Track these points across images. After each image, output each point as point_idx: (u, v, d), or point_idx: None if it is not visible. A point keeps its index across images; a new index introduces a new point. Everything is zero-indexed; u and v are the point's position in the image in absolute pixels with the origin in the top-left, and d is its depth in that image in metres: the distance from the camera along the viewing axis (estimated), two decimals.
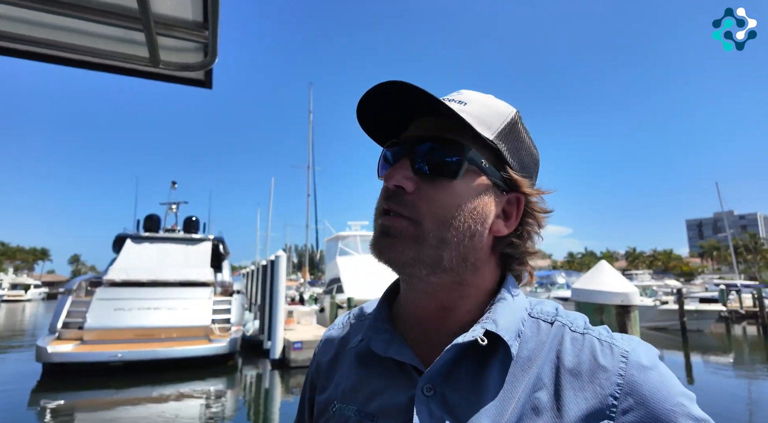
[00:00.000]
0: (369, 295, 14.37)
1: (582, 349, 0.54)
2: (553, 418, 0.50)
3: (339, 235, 19.42)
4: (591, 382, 0.51)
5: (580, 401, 0.50)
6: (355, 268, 17.06)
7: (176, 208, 18.03)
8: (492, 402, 0.52)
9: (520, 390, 0.52)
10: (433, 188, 0.56)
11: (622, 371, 0.51)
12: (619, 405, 0.49)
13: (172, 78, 1.48)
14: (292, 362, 11.25)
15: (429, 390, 0.54)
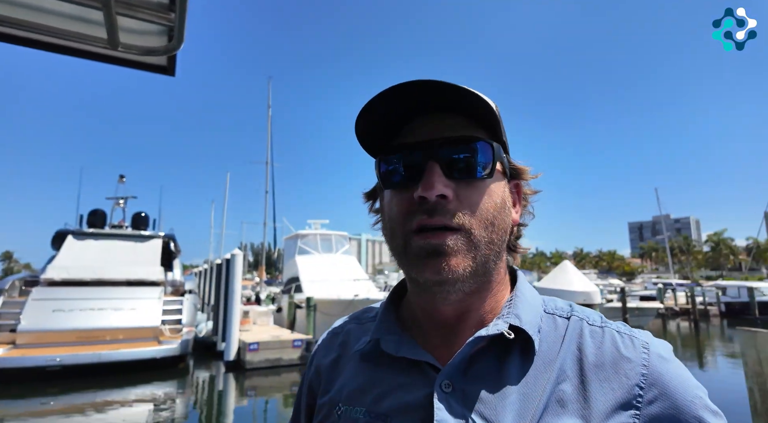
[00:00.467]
0: (328, 295, 14.25)
1: (603, 341, 0.54)
2: (579, 409, 0.49)
3: (298, 234, 19.10)
4: (616, 373, 0.51)
5: (606, 391, 0.50)
6: (315, 268, 16.86)
7: (124, 203, 17.04)
8: (515, 396, 0.51)
9: (543, 383, 0.51)
10: (470, 191, 0.54)
11: (645, 362, 0.52)
12: (645, 395, 0.50)
13: (132, 63, 1.39)
14: (247, 364, 10.94)
15: (447, 386, 0.52)
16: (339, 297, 14.12)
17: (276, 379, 10.77)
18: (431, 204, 0.53)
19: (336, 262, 17.75)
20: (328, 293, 14.47)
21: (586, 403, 0.50)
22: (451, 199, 0.53)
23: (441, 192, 0.52)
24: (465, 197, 0.54)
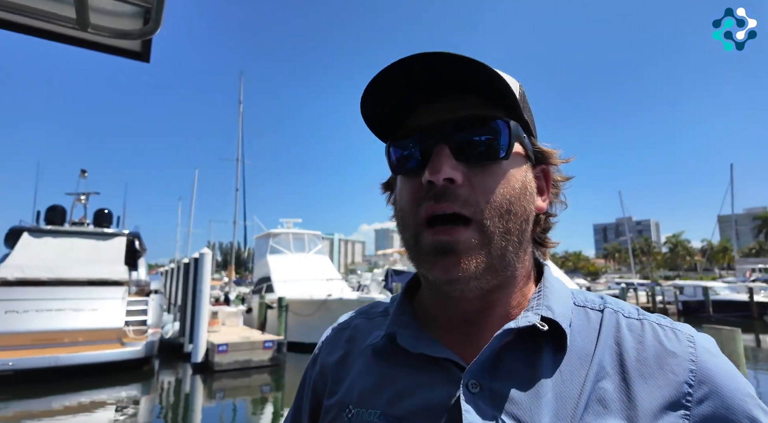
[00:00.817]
0: (301, 295, 14.07)
1: (644, 335, 0.50)
2: (623, 409, 0.45)
3: (270, 233, 18.78)
4: (661, 369, 0.47)
5: (652, 390, 0.46)
6: (287, 267, 16.61)
7: (86, 200, 16.28)
8: (550, 395, 0.46)
9: (581, 381, 0.47)
10: (483, 174, 0.50)
11: (693, 357, 0.47)
12: (694, 393, 0.46)
13: (103, 46, 1.29)
14: (216, 366, 10.65)
15: (474, 386, 0.47)
16: (312, 297, 13.96)
17: (246, 381, 10.53)
18: (439, 188, 0.49)
19: (309, 261, 17.55)
20: (301, 293, 14.28)
21: (630, 402, 0.45)
22: (461, 184, 0.49)
23: (448, 175, 0.48)
24: (478, 182, 0.49)
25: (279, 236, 18.50)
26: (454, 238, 0.48)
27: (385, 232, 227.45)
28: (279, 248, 18.02)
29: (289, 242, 18.29)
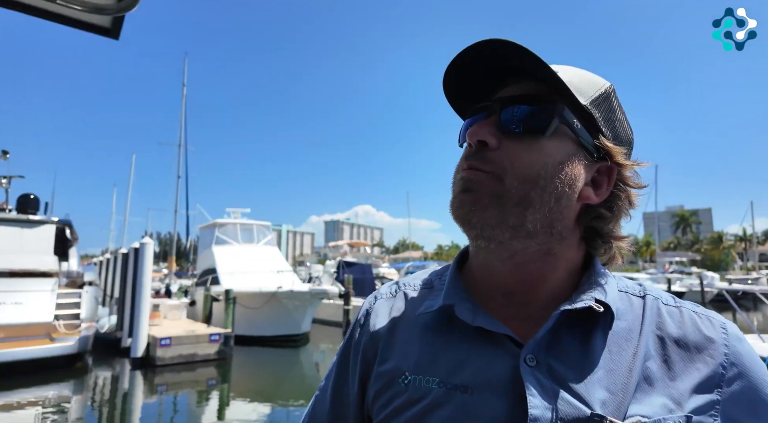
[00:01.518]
0: (249, 287, 13.73)
1: (683, 321, 0.55)
2: (666, 387, 0.50)
3: (216, 223, 18.04)
4: (700, 353, 0.52)
5: (691, 371, 0.51)
6: (234, 259, 16.11)
7: (8, 184, 14.83)
8: (602, 372, 0.50)
9: (628, 360, 0.51)
10: (519, 145, 0.53)
11: (726, 342, 0.53)
12: (727, 374, 0.51)
13: (71, 20, 1.24)
14: (158, 360, 10.21)
15: (532, 360, 0.51)
16: (261, 289, 13.67)
17: (190, 376, 10.18)
18: (474, 149, 0.55)
19: (258, 253, 17.10)
20: (249, 286, 13.94)
21: (672, 381, 0.51)
22: (494, 147, 0.54)
23: (482, 137, 0.53)
24: (511, 149, 0.53)
25: (225, 226, 17.86)
26: (471, 177, 0.54)
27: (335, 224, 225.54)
28: (225, 239, 17.41)
29: (237, 233, 17.72)
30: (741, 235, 65.49)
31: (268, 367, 12.03)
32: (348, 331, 0.68)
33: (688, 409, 0.49)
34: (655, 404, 0.49)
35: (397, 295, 0.65)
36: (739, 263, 54.92)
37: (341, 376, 0.65)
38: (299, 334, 14.44)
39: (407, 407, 0.54)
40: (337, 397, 0.65)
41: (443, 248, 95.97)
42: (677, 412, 0.49)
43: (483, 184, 0.53)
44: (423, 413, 0.52)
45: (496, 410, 0.49)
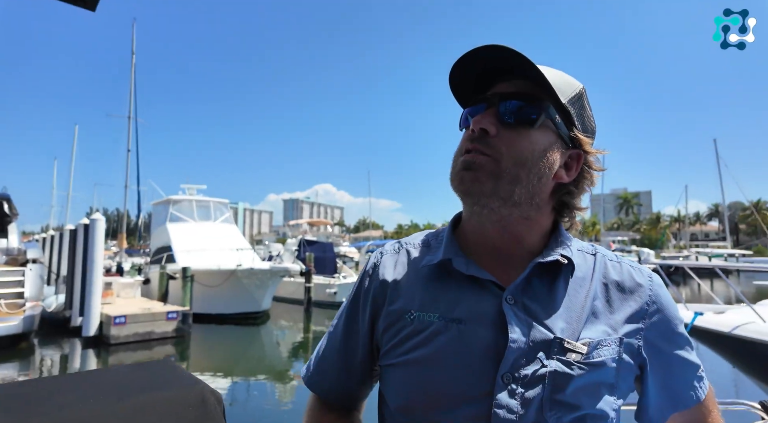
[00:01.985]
0: (207, 265, 13.48)
1: (622, 271, 0.72)
2: (607, 319, 0.67)
3: (170, 199, 17.39)
4: (632, 294, 0.70)
5: (625, 307, 0.69)
6: (190, 236, 15.69)
7: None
8: (562, 309, 0.66)
9: (581, 300, 0.68)
10: (513, 134, 0.66)
11: (651, 288, 0.71)
12: (649, 309, 0.69)
13: None
14: (112, 339, 9.95)
15: (511, 300, 0.65)
16: (220, 267, 13.47)
17: (147, 354, 10.01)
18: (476, 134, 0.67)
19: (215, 230, 16.73)
20: (207, 264, 13.69)
21: (611, 314, 0.68)
22: (493, 135, 0.66)
23: (483, 126, 0.66)
24: (506, 136, 0.66)
25: (181, 203, 17.26)
26: (474, 159, 0.66)
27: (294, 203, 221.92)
28: (181, 216, 16.87)
29: (193, 210, 17.19)
30: (676, 217, 70.79)
31: (228, 345, 12.01)
32: (357, 281, 0.80)
33: (621, 334, 0.67)
34: (598, 330, 0.66)
35: (400, 251, 0.79)
36: (673, 242, 59.50)
37: (352, 315, 0.78)
38: (259, 311, 14.43)
39: (413, 335, 0.67)
40: (348, 332, 0.77)
41: (403, 227, 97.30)
42: (614, 335, 0.66)
43: (484, 166, 0.66)
44: (426, 339, 0.66)
45: (484, 336, 0.64)
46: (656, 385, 0.71)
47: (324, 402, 0.80)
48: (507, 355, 0.62)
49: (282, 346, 12.06)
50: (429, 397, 0.64)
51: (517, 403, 0.61)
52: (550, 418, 0.61)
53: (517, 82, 0.69)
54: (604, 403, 0.64)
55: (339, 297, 17.00)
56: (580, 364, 0.63)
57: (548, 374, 0.62)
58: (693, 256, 34.75)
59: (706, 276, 20.48)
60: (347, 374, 0.77)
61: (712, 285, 20.86)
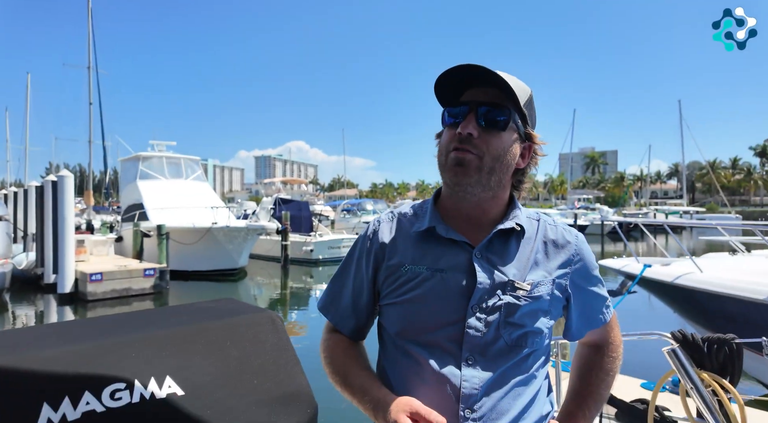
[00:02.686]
0: (182, 223, 13.43)
1: (557, 232, 0.96)
2: (545, 266, 0.91)
3: (140, 156, 16.88)
4: (563, 248, 0.95)
5: (558, 258, 0.93)
6: (162, 194, 15.43)
7: None
8: (514, 261, 0.90)
9: (527, 254, 0.91)
10: (490, 136, 0.86)
11: (576, 243, 0.96)
12: (574, 258, 0.94)
13: None
14: (89, 295, 10.03)
15: (478, 255, 0.88)
16: (195, 225, 13.44)
17: (126, 310, 10.09)
18: (463, 137, 0.86)
19: (188, 188, 16.47)
20: (181, 221, 13.61)
21: (548, 263, 0.92)
22: (477, 137, 0.85)
23: (469, 131, 0.85)
24: (485, 138, 0.86)
25: (150, 160, 16.79)
26: (464, 157, 0.85)
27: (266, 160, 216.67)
28: (151, 173, 16.46)
29: (163, 167, 16.77)
30: (639, 176, 73.62)
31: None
32: (359, 243, 1.01)
33: (554, 276, 0.91)
34: (538, 274, 0.90)
35: (393, 219, 1.00)
36: (635, 200, 62.30)
37: (357, 267, 0.99)
38: (236, 268, 14.62)
39: (408, 282, 0.90)
40: (356, 278, 0.99)
41: (377, 186, 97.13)
42: (549, 278, 0.91)
43: (471, 162, 0.86)
44: (417, 284, 0.89)
45: (459, 280, 0.87)
46: (577, 312, 0.97)
47: (335, 329, 1.02)
48: (475, 293, 0.86)
49: (260, 301, 12.40)
50: (420, 323, 0.88)
51: (482, 325, 0.85)
52: (504, 334, 0.85)
53: (487, 89, 0.88)
54: (541, 323, 0.89)
55: (315, 254, 17.36)
56: (525, 297, 0.87)
57: (503, 305, 0.86)
58: (651, 214, 36.69)
59: (662, 232, 21.80)
60: (356, 309, 0.99)
61: (667, 240, 22.27)
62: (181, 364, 0.54)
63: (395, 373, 0.91)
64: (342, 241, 18.46)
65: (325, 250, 17.74)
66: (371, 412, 0.86)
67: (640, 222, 6.67)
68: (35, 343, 0.51)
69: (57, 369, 0.47)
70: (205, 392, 0.54)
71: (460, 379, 0.83)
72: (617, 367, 1.04)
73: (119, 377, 0.49)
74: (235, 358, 0.59)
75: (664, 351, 1.63)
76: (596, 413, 1.01)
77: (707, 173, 63.00)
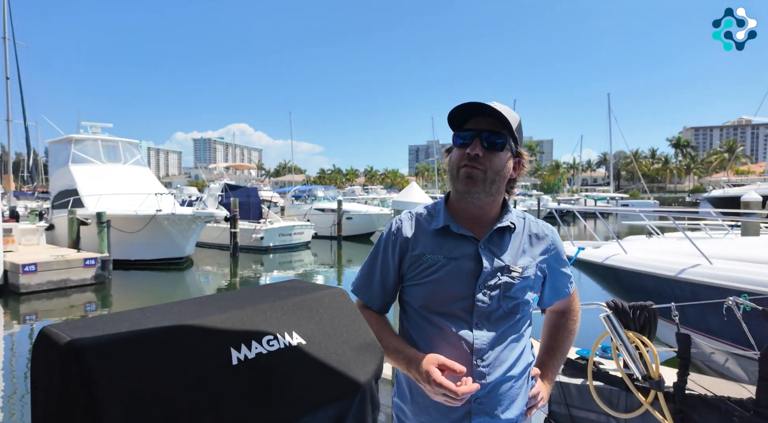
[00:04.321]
0: (123, 210, 12.78)
1: (538, 227, 1.25)
2: (530, 253, 1.20)
3: (71, 138, 15.63)
4: (543, 240, 1.23)
5: (539, 247, 1.22)
6: (99, 179, 14.50)
7: None
8: (508, 250, 1.17)
9: (518, 244, 1.19)
10: (492, 155, 1.12)
11: (552, 236, 1.25)
12: (549, 248, 1.23)
13: None
14: (22, 288, 9.43)
15: (483, 246, 1.15)
16: (137, 213, 12.84)
17: (64, 302, 9.64)
18: (472, 156, 1.12)
19: (127, 173, 15.57)
20: (123, 208, 12.93)
21: (532, 251, 1.20)
22: (483, 157, 1.11)
23: (477, 152, 1.11)
24: (489, 157, 1.12)
25: (84, 143, 15.62)
26: (472, 171, 1.11)
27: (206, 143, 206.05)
28: (85, 157, 15.35)
29: (99, 150, 15.68)
30: (571, 164, 78.76)
31: (152, 290, 11.85)
32: (384, 236, 1.25)
33: (537, 261, 1.20)
34: (526, 260, 1.18)
35: (412, 218, 1.25)
36: (568, 187, 66.73)
37: (385, 256, 1.23)
38: (183, 257, 14.18)
39: (429, 267, 1.15)
40: (384, 264, 1.23)
41: (326, 172, 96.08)
42: (533, 262, 1.19)
43: (478, 176, 1.12)
44: (436, 269, 1.14)
45: (469, 266, 1.14)
46: (549, 286, 1.27)
47: (365, 305, 1.26)
48: (482, 275, 1.13)
49: (208, 290, 12.18)
50: (440, 298, 1.15)
51: (487, 299, 1.13)
52: (503, 305, 1.14)
53: (488, 119, 1.15)
54: (528, 296, 1.19)
55: (266, 242, 17.19)
56: (518, 277, 1.16)
57: (502, 284, 1.14)
58: (582, 200, 39.72)
59: (592, 217, 23.73)
60: (384, 289, 1.24)
61: (596, 224, 24.27)
62: (298, 323, 0.76)
63: (419, 335, 1.18)
64: (293, 228, 18.38)
65: (276, 238, 17.59)
66: (404, 366, 1.12)
67: (575, 209, 7.45)
68: (204, 310, 0.72)
69: (232, 326, 0.68)
70: (318, 341, 0.76)
71: (473, 338, 1.12)
72: (577, 328, 1.36)
73: (269, 331, 0.70)
74: (328, 320, 0.81)
75: (601, 317, 2.03)
76: (562, 362, 1.34)
77: (631, 162, 68.77)
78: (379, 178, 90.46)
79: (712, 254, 4.76)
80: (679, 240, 6.07)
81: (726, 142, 77.69)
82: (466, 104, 1.13)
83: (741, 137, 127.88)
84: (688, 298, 4.87)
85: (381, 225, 21.85)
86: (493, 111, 1.12)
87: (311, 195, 25.04)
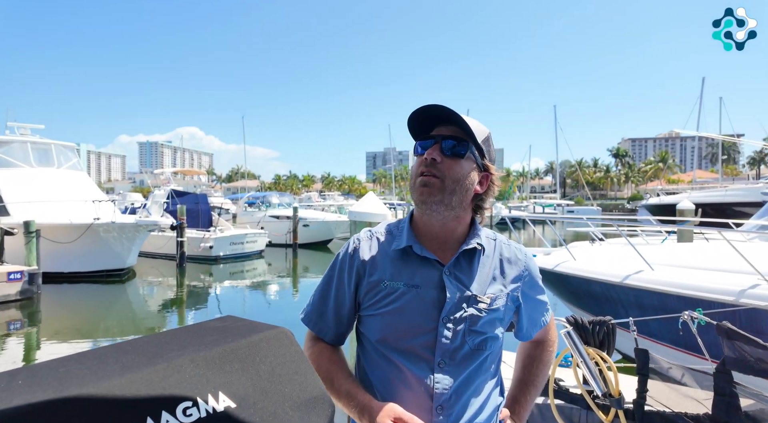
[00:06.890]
0: (55, 219, 11.81)
1: (510, 250, 1.12)
2: (501, 281, 1.07)
3: None
4: (516, 264, 1.11)
5: (512, 273, 1.09)
6: (27, 185, 13.30)
7: None
8: (476, 276, 1.05)
9: (487, 270, 1.07)
10: (451, 162, 1.02)
11: (525, 261, 1.12)
12: (523, 274, 1.10)
13: None
14: None
15: (447, 272, 1.03)
16: (72, 221, 11.86)
17: None
18: (429, 162, 1.02)
19: (61, 179, 14.38)
20: (55, 217, 11.92)
21: (503, 278, 1.08)
22: (440, 162, 1.01)
23: (434, 157, 1.01)
24: (447, 164, 1.01)
25: (10, 145, 14.26)
26: (429, 179, 1.00)
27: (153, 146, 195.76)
28: (11, 160, 14.02)
29: (28, 153, 14.38)
30: (521, 172, 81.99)
31: (87, 305, 10.95)
32: (339, 259, 1.12)
33: (508, 290, 1.08)
34: (496, 288, 1.06)
35: (372, 238, 1.12)
36: (517, 194, 69.29)
37: (339, 281, 1.10)
38: (123, 268, 13.28)
39: (387, 296, 1.03)
40: (338, 291, 1.10)
41: (281, 178, 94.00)
42: (504, 291, 1.07)
43: (434, 184, 1.01)
44: (396, 298, 1.02)
45: (432, 295, 1.01)
46: (525, 316, 1.15)
47: (317, 337, 1.12)
48: (446, 306, 1.01)
49: (152, 303, 11.44)
50: (399, 332, 1.01)
51: (450, 333, 1.00)
52: (468, 340, 1.01)
53: (451, 127, 1.06)
54: (497, 330, 1.06)
55: (216, 251, 16.47)
56: (485, 309, 1.03)
57: (468, 316, 1.01)
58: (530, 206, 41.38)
59: (541, 223, 24.69)
60: (338, 319, 1.10)
61: (544, 229, 25.25)
62: (226, 380, 0.61)
63: (376, 375, 1.04)
64: (246, 236, 17.71)
65: (227, 247, 16.88)
66: (357, 415, 0.98)
67: (526, 217, 7.67)
68: (97, 371, 0.55)
69: (132, 394, 0.52)
70: (252, 402, 0.62)
71: (433, 382, 0.99)
72: (552, 359, 1.27)
73: (186, 396, 0.55)
74: (266, 371, 0.67)
75: (562, 333, 1.99)
76: (535, 398, 1.22)
77: (576, 171, 72.52)
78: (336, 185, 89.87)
79: (654, 261, 5.01)
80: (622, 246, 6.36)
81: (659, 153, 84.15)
82: (426, 107, 1.03)
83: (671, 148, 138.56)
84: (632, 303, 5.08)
85: (338, 232, 21.56)
86: (456, 119, 1.02)
87: (265, 201, 24.27)
